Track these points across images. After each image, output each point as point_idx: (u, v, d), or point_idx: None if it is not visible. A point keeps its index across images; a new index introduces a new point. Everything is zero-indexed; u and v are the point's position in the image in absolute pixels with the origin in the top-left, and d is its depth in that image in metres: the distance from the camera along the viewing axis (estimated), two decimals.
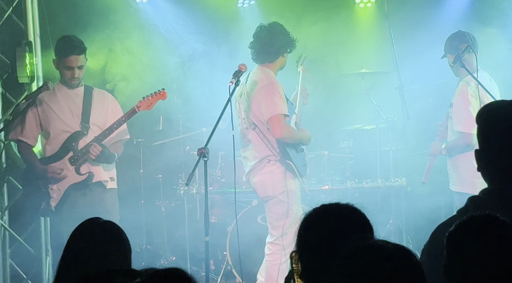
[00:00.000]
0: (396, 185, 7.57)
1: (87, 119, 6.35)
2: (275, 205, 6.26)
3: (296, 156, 6.35)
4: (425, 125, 7.27)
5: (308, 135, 6.55)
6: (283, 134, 6.18)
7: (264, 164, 6.28)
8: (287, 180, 6.26)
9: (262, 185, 6.32)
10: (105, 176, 6.38)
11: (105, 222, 3.20)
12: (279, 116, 6.15)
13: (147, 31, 8.08)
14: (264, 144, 6.26)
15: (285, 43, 6.34)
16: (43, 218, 7.15)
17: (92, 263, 2.99)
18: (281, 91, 6.23)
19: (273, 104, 6.16)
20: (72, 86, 6.38)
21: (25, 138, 6.37)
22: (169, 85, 7.24)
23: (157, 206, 8.19)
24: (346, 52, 8.18)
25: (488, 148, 2.97)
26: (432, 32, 7.73)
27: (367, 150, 8.10)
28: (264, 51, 6.33)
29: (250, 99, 6.27)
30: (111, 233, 3.15)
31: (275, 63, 6.36)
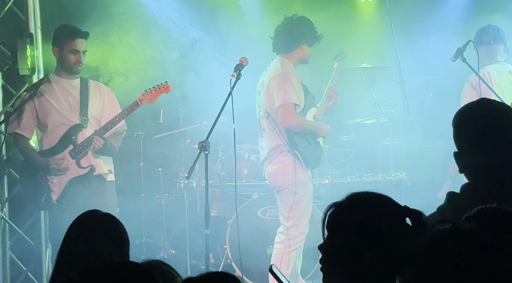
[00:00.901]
0: (396, 179, 7.57)
1: (85, 112, 6.35)
2: (285, 196, 6.34)
3: (308, 147, 6.41)
4: (426, 120, 7.28)
5: (323, 127, 6.60)
6: (291, 123, 6.24)
7: (276, 153, 6.37)
8: (297, 171, 6.31)
9: (273, 175, 6.41)
10: (105, 168, 6.40)
11: (103, 214, 3.21)
12: (288, 104, 6.22)
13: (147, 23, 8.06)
14: (276, 133, 6.35)
15: (304, 34, 6.39)
16: (44, 211, 7.14)
17: (89, 256, 3.01)
18: (295, 82, 6.30)
19: (284, 93, 6.24)
20: (75, 73, 6.36)
21: (22, 131, 6.35)
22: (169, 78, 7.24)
23: (157, 199, 8.19)
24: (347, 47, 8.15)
25: (461, 150, 3.05)
26: (433, 26, 7.73)
27: (367, 144, 8.09)
28: (280, 39, 6.41)
29: (265, 88, 6.37)
30: (108, 225, 3.16)
31: (294, 54, 6.43)
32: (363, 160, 7.92)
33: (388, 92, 7.63)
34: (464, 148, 3.06)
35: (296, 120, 6.28)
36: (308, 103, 6.46)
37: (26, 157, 6.43)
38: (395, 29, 7.47)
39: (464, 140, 3.06)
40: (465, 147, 3.05)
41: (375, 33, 8.31)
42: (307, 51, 6.48)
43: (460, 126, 3.09)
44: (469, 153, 3.03)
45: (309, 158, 6.38)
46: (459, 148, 3.08)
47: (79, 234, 3.14)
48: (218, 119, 5.90)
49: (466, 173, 3.08)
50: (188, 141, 8.03)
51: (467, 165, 3.05)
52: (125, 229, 3.19)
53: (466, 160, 3.05)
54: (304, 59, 6.52)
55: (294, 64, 6.46)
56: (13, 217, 7.32)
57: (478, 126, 3.02)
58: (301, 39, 6.40)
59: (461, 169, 3.08)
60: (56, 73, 6.44)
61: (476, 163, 3.01)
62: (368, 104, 7.76)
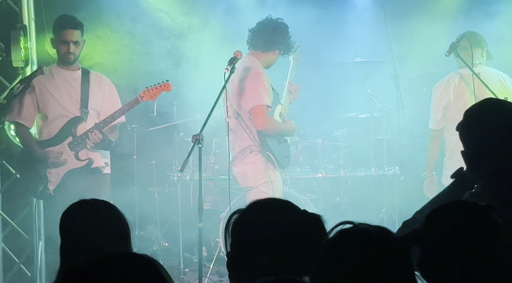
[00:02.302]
0: (390, 174, 7.59)
1: (85, 104, 6.39)
2: (256, 196, 6.23)
3: (278, 147, 6.35)
4: (419, 114, 7.28)
5: (292, 127, 6.57)
6: (265, 126, 6.17)
7: (246, 154, 6.27)
8: (269, 171, 6.26)
9: (243, 175, 6.31)
10: (102, 162, 6.44)
11: (95, 200, 3.24)
12: (262, 107, 6.13)
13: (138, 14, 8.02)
14: (246, 134, 6.25)
15: (283, 41, 6.35)
16: (36, 203, 7.15)
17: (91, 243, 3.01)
18: (266, 82, 6.21)
19: (257, 94, 6.13)
20: (67, 63, 6.40)
21: (23, 120, 6.40)
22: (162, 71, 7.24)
23: (150, 192, 8.20)
24: (341, 41, 8.17)
25: (470, 152, 3.02)
26: (428, 21, 7.73)
27: (361, 138, 8.11)
28: (261, 37, 6.33)
29: (234, 87, 6.25)
30: (106, 210, 3.20)
31: (266, 55, 6.35)
32: (356, 154, 7.94)
33: (382, 87, 7.64)
34: (472, 151, 3.04)
35: (270, 123, 6.21)
36: (274, 101, 6.39)
37: (26, 147, 6.47)
38: (390, 24, 7.46)
39: (471, 143, 3.04)
40: (475, 150, 3.03)
41: (369, 27, 8.31)
42: (275, 58, 6.43)
43: (467, 129, 3.07)
44: (476, 159, 3.01)
45: (280, 158, 6.34)
46: (467, 150, 3.06)
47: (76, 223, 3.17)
48: (212, 113, 5.90)
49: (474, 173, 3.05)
50: (181, 134, 8.03)
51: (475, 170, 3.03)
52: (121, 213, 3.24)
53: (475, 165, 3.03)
54: (269, 63, 6.45)
55: (262, 65, 6.39)
56: (6, 209, 7.31)
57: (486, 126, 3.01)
58: (279, 45, 6.35)
59: (469, 170, 3.06)
60: (57, 64, 6.50)
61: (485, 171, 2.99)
62: (361, 98, 7.77)
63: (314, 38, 7.63)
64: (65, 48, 6.35)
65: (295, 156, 7.66)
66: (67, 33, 6.32)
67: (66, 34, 6.32)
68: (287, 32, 6.38)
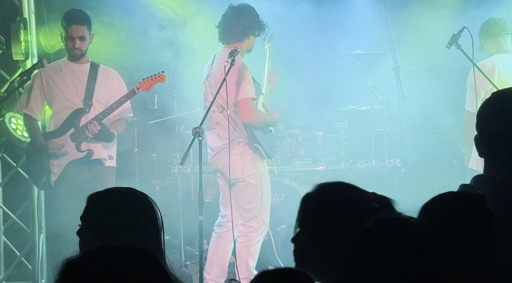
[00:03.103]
0: (390, 166, 7.57)
1: (90, 97, 6.45)
2: (245, 188, 6.22)
3: (264, 138, 6.34)
4: (420, 107, 7.27)
5: (277, 117, 6.58)
6: (251, 118, 6.16)
7: (233, 145, 6.23)
8: (256, 162, 6.25)
9: (232, 167, 6.23)
10: (104, 154, 6.46)
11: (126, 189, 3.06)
12: (247, 99, 6.11)
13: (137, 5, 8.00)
14: (232, 127, 6.19)
15: (253, 24, 6.29)
16: (38, 196, 7.16)
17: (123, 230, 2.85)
18: (249, 74, 6.18)
19: (241, 87, 6.11)
20: (74, 58, 6.47)
21: (29, 111, 6.52)
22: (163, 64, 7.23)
23: (151, 185, 8.19)
24: (341, 33, 8.15)
25: (481, 136, 2.99)
26: (429, 12, 7.71)
27: (361, 131, 8.10)
28: (230, 30, 6.29)
29: (217, 82, 6.15)
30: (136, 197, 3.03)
31: (242, 44, 6.28)
32: (357, 146, 7.93)
33: (383, 79, 7.63)
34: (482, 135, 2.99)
35: (256, 115, 6.19)
36: (256, 92, 6.34)
37: (31, 138, 6.58)
38: (390, 16, 7.45)
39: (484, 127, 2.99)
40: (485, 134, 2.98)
41: (370, 19, 8.29)
42: (253, 41, 6.37)
43: (483, 113, 3.02)
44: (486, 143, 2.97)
45: (266, 148, 6.33)
46: (479, 134, 3.01)
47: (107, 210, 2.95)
48: (212, 105, 5.90)
49: (486, 158, 3.00)
50: (182, 127, 8.02)
51: (484, 154, 2.99)
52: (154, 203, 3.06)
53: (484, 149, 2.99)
54: (249, 49, 6.39)
55: (242, 55, 6.33)
56: (7, 202, 7.32)
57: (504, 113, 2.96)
58: (250, 29, 6.28)
59: (480, 153, 3.01)
60: (67, 57, 6.57)
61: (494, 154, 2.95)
62: (362, 90, 7.76)
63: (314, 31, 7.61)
64: (71, 44, 6.41)
65: (295, 148, 7.66)
66: (73, 29, 6.38)
67: (72, 30, 6.38)
68: (253, 14, 6.31)
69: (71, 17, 6.42)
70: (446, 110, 7.38)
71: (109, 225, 2.88)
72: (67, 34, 6.40)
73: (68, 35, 6.40)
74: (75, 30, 6.37)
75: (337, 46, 8.09)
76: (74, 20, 6.38)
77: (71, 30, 6.38)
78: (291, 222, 7.15)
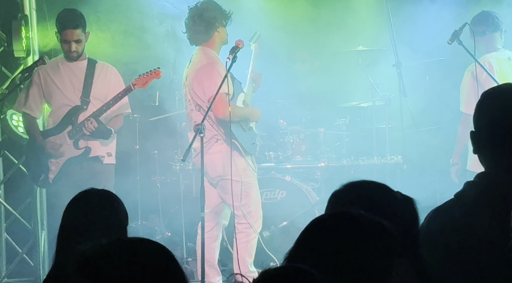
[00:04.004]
0: (392, 162, 7.57)
1: (87, 93, 6.43)
2: (229, 185, 6.20)
3: (243, 135, 6.31)
4: (422, 103, 7.27)
5: (256, 111, 6.52)
6: (225, 113, 6.08)
7: (212, 143, 6.21)
8: (235, 159, 6.19)
9: (212, 165, 6.24)
10: (102, 151, 6.45)
11: (99, 190, 3.29)
12: (220, 95, 6.01)
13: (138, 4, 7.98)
14: (210, 124, 6.16)
15: (215, 18, 6.21)
16: (39, 192, 7.17)
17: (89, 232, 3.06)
18: (222, 70, 6.09)
19: (213, 83, 6.04)
20: (71, 59, 6.47)
21: (28, 109, 6.52)
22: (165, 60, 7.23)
23: (153, 182, 8.19)
24: (343, 29, 8.14)
25: (478, 131, 2.95)
26: (431, 9, 7.70)
27: (363, 127, 8.09)
28: (194, 31, 6.25)
29: (192, 81, 6.21)
30: (106, 200, 3.24)
31: (212, 41, 6.25)
32: (358, 143, 7.92)
33: (384, 75, 7.62)
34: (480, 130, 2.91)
35: (231, 110, 6.11)
36: (236, 90, 6.32)
37: (30, 136, 6.58)
38: (392, 12, 7.44)
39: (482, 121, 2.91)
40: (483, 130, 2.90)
41: (371, 16, 8.27)
42: (224, 33, 6.31)
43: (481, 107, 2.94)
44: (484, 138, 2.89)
45: (246, 145, 6.28)
46: (475, 129, 2.94)
47: (77, 211, 3.21)
48: (214, 102, 5.90)
49: (479, 156, 2.94)
50: (183, 123, 8.00)
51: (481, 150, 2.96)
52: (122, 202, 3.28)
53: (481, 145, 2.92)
54: (223, 41, 6.34)
55: (217, 50, 6.29)
56: (9, 199, 7.33)
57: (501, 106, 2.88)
58: (214, 24, 6.22)
59: (475, 150, 2.95)
60: (64, 55, 6.54)
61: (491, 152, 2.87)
62: (364, 87, 7.75)
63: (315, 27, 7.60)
64: (67, 47, 6.40)
65: (297, 145, 7.66)
66: (68, 33, 6.36)
67: (67, 34, 6.37)
68: (211, 7, 6.23)
69: (65, 21, 6.37)
70: (447, 106, 7.37)
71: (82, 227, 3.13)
72: (62, 38, 6.38)
73: (63, 39, 6.38)
74: (69, 34, 6.35)
75: (338, 42, 8.08)
76: (68, 24, 6.34)
77: (66, 35, 6.36)
78: (293, 219, 7.18)
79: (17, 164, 7.27)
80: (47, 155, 6.39)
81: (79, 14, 6.46)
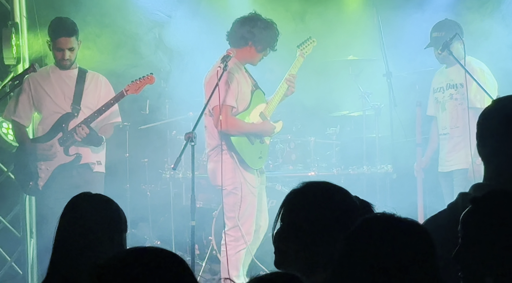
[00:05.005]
0: (382, 172, 7.59)
1: (78, 101, 6.42)
2: (226, 195, 6.17)
3: (250, 148, 6.23)
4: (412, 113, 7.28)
5: (267, 127, 6.32)
6: (222, 126, 6.03)
7: (217, 151, 6.17)
8: (236, 172, 6.16)
9: (213, 173, 6.24)
10: (93, 158, 6.44)
11: (93, 194, 3.28)
12: (222, 107, 5.99)
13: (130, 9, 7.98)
14: (217, 131, 6.14)
15: (252, 35, 6.16)
16: (28, 200, 7.15)
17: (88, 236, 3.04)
18: (234, 81, 6.08)
19: (220, 93, 5.96)
20: (64, 67, 6.45)
21: (18, 117, 6.49)
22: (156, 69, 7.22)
23: (143, 190, 8.18)
24: (333, 39, 8.16)
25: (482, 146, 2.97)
26: (420, 18, 7.73)
27: (353, 136, 8.11)
28: (232, 33, 6.23)
29: (205, 86, 6.20)
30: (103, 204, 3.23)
31: (241, 51, 6.20)
32: (349, 152, 7.93)
33: (375, 85, 7.64)
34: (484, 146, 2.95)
35: (231, 124, 6.06)
36: (255, 100, 6.28)
37: (19, 144, 6.56)
38: (382, 22, 7.47)
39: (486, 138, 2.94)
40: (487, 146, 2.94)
41: (362, 25, 8.30)
42: (255, 55, 6.23)
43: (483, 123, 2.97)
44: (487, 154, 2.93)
45: (250, 159, 6.20)
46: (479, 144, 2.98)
47: (74, 214, 3.17)
48: (205, 111, 5.89)
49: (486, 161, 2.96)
50: (174, 132, 8.02)
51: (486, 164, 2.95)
52: (119, 207, 3.27)
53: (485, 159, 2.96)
54: (249, 61, 6.29)
55: (242, 62, 6.26)
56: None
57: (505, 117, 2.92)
58: (248, 39, 6.18)
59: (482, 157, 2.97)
60: (55, 64, 6.52)
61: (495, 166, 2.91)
62: (354, 96, 7.77)
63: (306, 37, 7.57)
64: (60, 55, 6.39)
65: (287, 154, 7.67)
66: (62, 41, 6.35)
67: (60, 42, 6.35)
68: (255, 25, 6.17)
69: (59, 29, 6.36)
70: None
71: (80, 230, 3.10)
72: (56, 46, 6.36)
73: (56, 47, 6.36)
74: (64, 42, 6.34)
75: (329, 51, 8.10)
76: (63, 32, 6.33)
77: (60, 42, 6.34)
78: None
79: (6, 172, 7.25)
80: (36, 162, 6.36)
81: (72, 22, 6.45)
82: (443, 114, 6.80)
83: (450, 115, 6.71)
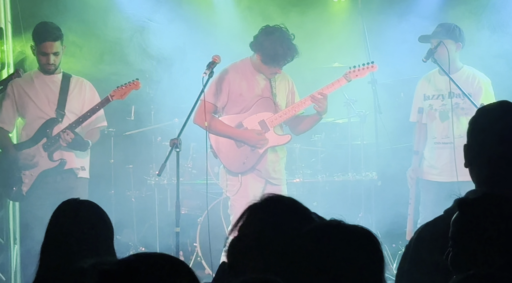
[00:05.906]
0: (367, 179, 7.61)
1: (62, 106, 6.40)
2: (230, 201, 6.28)
3: (235, 152, 6.24)
4: (397, 120, 7.31)
5: (248, 136, 6.20)
6: (197, 120, 6.11)
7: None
8: (226, 175, 6.25)
9: (219, 176, 6.41)
10: (77, 164, 6.43)
11: (83, 201, 3.27)
12: (201, 101, 6.01)
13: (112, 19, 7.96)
14: None
15: (261, 46, 6.12)
16: (12, 206, 7.11)
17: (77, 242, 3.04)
18: (225, 82, 6.14)
19: (208, 90, 6.02)
20: (48, 72, 6.43)
21: (1, 123, 6.46)
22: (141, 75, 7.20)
23: (127, 196, 8.16)
24: (319, 46, 8.18)
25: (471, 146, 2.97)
26: (405, 27, 7.76)
27: (338, 143, 8.13)
28: (255, 36, 6.23)
29: None
30: (92, 211, 3.23)
31: (254, 56, 6.22)
32: (334, 159, 7.95)
33: (360, 92, 7.66)
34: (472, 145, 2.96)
35: (201, 119, 6.07)
36: (259, 107, 6.28)
37: (3, 149, 6.51)
38: (367, 29, 7.50)
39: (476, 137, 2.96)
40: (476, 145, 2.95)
41: (347, 33, 8.34)
42: (261, 65, 6.18)
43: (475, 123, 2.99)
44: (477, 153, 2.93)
45: (233, 163, 6.23)
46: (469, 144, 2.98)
47: (63, 221, 3.16)
48: (190, 117, 5.89)
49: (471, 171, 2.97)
50: (159, 138, 8.01)
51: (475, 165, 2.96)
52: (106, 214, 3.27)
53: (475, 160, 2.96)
54: (260, 70, 6.24)
55: (256, 68, 6.25)
56: None
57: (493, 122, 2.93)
58: (256, 49, 6.17)
59: (469, 166, 2.98)
60: (38, 69, 6.49)
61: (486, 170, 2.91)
62: (339, 103, 7.78)
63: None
64: (45, 59, 6.36)
65: None
66: (47, 45, 6.32)
67: (45, 46, 6.32)
68: (267, 38, 6.10)
69: (43, 33, 6.33)
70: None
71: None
72: (40, 50, 6.33)
73: (41, 51, 6.33)
74: (49, 46, 6.32)
75: (314, 59, 8.12)
76: (47, 37, 6.31)
77: (45, 47, 6.31)
78: None
79: None
80: (20, 168, 6.33)
81: (57, 27, 6.43)
82: (443, 123, 6.62)
83: (455, 124, 6.51)
